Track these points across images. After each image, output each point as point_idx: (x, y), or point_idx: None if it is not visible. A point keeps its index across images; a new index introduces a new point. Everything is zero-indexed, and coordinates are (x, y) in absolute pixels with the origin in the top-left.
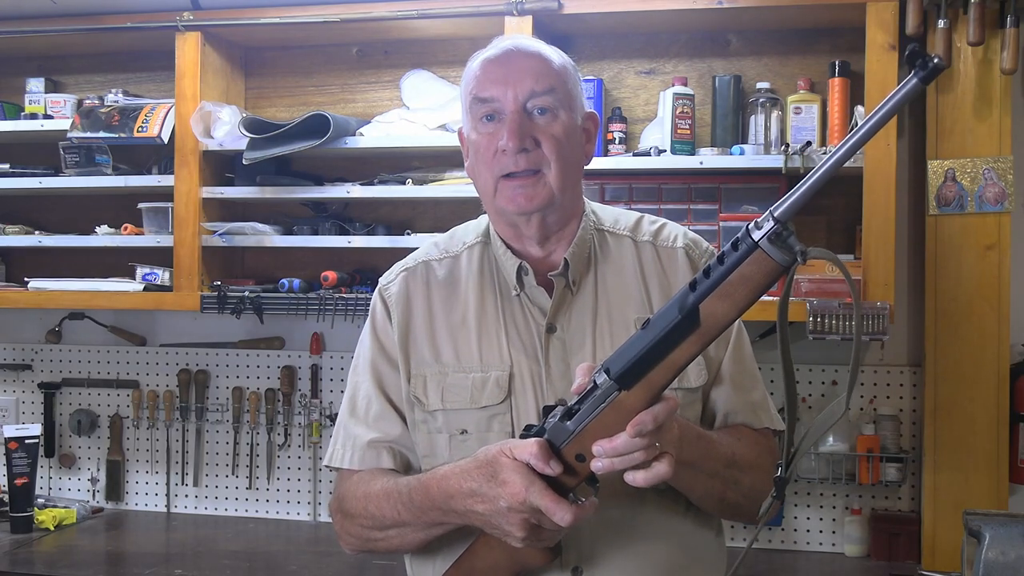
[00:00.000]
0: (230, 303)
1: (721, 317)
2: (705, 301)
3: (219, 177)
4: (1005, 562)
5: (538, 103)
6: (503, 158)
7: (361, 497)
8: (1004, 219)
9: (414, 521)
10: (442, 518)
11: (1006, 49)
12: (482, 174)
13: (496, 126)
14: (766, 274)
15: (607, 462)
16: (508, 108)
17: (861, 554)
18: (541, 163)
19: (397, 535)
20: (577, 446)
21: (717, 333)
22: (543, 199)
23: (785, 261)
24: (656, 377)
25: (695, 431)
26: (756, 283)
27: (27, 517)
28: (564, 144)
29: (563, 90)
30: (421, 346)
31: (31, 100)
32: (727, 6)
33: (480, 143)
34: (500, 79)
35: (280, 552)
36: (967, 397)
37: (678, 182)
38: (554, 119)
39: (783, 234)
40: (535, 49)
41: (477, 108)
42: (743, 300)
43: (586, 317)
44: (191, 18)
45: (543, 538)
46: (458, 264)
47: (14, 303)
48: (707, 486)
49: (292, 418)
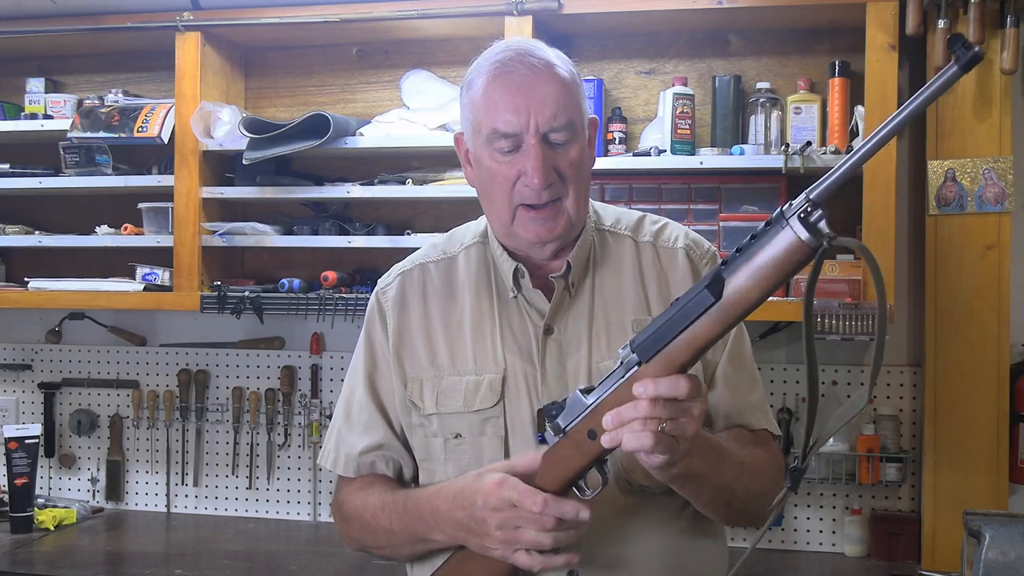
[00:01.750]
0: (230, 303)
1: (744, 294)
2: (731, 277)
3: (219, 177)
4: (1005, 562)
5: (558, 136)
6: (524, 190)
7: (359, 505)
8: (1004, 219)
9: (402, 532)
10: (427, 533)
11: (1006, 49)
12: (497, 199)
13: (514, 156)
14: (793, 255)
15: (613, 435)
16: (529, 140)
17: (861, 554)
18: (561, 193)
19: (387, 545)
20: (591, 421)
21: (739, 312)
22: (562, 229)
23: (813, 243)
24: (675, 351)
25: (708, 442)
26: (782, 263)
27: (27, 517)
28: (580, 168)
29: (578, 114)
30: (417, 350)
31: (31, 100)
32: (727, 6)
33: (497, 171)
34: (519, 108)
35: (280, 552)
36: (967, 397)
37: (678, 182)
38: (572, 146)
39: (814, 217)
40: (547, 66)
41: (495, 140)
42: (768, 279)
43: (583, 319)
44: (191, 18)
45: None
46: (455, 266)
47: (14, 303)
48: (714, 494)
49: (292, 418)
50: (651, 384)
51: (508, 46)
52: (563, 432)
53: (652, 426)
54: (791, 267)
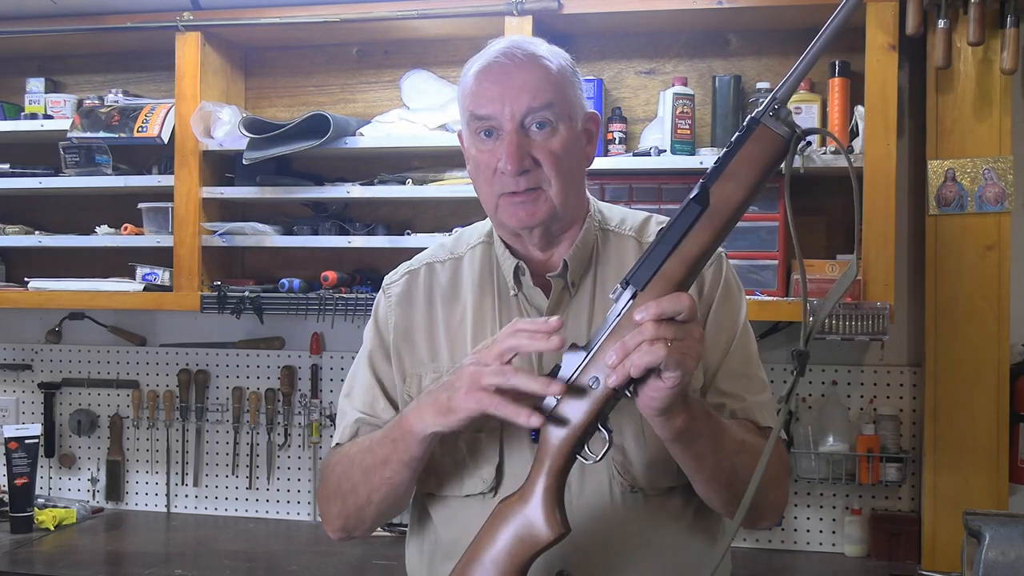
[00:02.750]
0: (230, 303)
1: (729, 196)
2: (714, 184)
3: (219, 177)
4: (1005, 562)
5: (536, 118)
6: (503, 178)
7: (343, 453)
8: (1004, 219)
9: (379, 448)
10: (402, 431)
11: (1006, 49)
12: (483, 188)
13: (494, 144)
14: (768, 149)
15: (620, 368)
16: (505, 127)
17: (861, 554)
18: (541, 181)
19: (363, 478)
20: (592, 368)
21: (727, 216)
22: (544, 214)
23: (786, 133)
24: (670, 269)
25: (704, 407)
26: (760, 159)
27: (27, 517)
28: (563, 159)
29: (561, 101)
30: (419, 347)
31: (31, 100)
32: (727, 6)
33: (480, 160)
34: (496, 96)
35: (280, 552)
36: (967, 397)
37: (678, 182)
38: (553, 133)
39: (783, 112)
40: (531, 57)
41: (474, 124)
42: (749, 178)
43: (583, 318)
44: (191, 18)
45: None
46: (461, 265)
47: (14, 303)
48: (715, 469)
49: (292, 418)
50: (652, 305)
51: (500, 42)
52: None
53: (661, 343)
54: (769, 162)
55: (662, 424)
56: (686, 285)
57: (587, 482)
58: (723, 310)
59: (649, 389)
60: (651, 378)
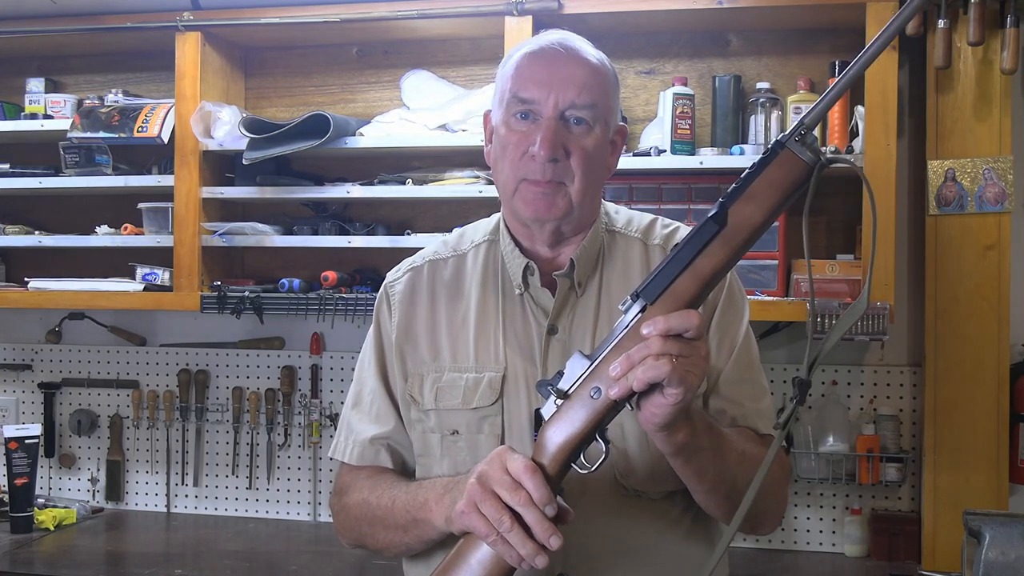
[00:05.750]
0: (230, 303)
1: (748, 217)
2: (734, 205)
3: (219, 177)
4: (1005, 562)
5: (577, 113)
6: (531, 163)
7: (367, 492)
8: (1004, 219)
9: (402, 513)
10: (424, 511)
11: (1006, 49)
12: (504, 170)
13: (530, 127)
14: (791, 174)
15: (624, 381)
16: (546, 113)
17: (861, 554)
18: (565, 176)
19: (383, 533)
20: (595, 378)
21: (744, 237)
22: (561, 210)
23: (810, 159)
24: (681, 286)
25: (706, 420)
26: (781, 183)
27: (27, 517)
28: (592, 159)
29: (604, 104)
30: (420, 345)
31: (31, 100)
32: (727, 6)
33: (509, 140)
34: (544, 81)
35: (280, 552)
36: (967, 397)
37: (678, 182)
38: (588, 132)
39: (809, 138)
40: (583, 54)
41: (514, 105)
42: (769, 201)
43: (588, 319)
44: (191, 18)
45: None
46: (464, 263)
47: (14, 303)
48: (716, 480)
49: (292, 418)
50: (661, 320)
51: (555, 33)
52: (565, 395)
53: (666, 358)
54: (791, 187)
55: (664, 439)
56: (696, 303)
57: (588, 485)
58: (726, 316)
59: (651, 404)
60: (654, 393)
